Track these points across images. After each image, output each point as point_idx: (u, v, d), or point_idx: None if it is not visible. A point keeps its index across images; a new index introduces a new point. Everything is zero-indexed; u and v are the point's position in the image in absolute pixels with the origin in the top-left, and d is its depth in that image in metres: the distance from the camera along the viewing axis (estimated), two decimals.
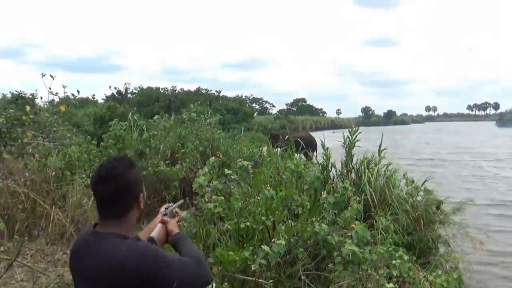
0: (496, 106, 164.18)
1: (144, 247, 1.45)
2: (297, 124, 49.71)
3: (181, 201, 2.19)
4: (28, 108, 5.62)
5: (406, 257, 2.82)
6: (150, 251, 1.45)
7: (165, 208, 1.94)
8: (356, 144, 5.28)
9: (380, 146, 5.24)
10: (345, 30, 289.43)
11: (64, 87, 5.46)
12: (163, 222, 1.78)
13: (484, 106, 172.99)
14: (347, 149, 5.10)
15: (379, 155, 5.06)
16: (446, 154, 24.02)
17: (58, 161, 6.06)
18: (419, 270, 3.80)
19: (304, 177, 4.34)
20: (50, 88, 5.45)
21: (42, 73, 5.18)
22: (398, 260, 2.78)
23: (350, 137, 5.02)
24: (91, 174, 6.17)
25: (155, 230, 1.74)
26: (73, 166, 6.10)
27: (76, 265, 1.53)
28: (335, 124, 68.41)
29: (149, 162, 6.82)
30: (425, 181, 4.92)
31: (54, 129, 5.76)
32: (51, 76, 5.11)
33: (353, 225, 2.82)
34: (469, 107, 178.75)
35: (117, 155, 6.80)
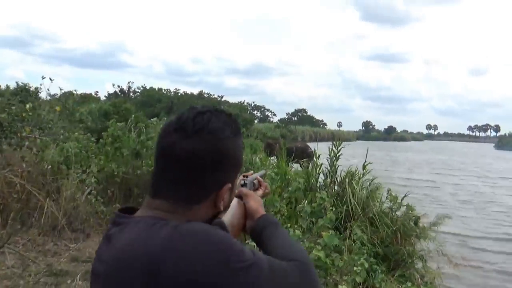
0: (496, 128, 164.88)
1: (202, 234, 0.82)
2: (297, 134, 49.91)
3: (264, 170, 1.62)
4: (27, 106, 5.91)
5: (366, 265, 2.99)
6: (213, 242, 0.81)
7: (244, 177, 1.23)
8: (351, 157, 5.53)
9: (365, 161, 5.44)
10: (352, 44, 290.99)
11: (61, 89, 5.91)
12: (240, 197, 1.11)
13: (484, 128, 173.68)
14: (331, 161, 5.30)
15: (363, 169, 5.26)
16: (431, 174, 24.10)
17: (56, 155, 6.27)
18: (391, 282, 3.98)
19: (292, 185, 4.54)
20: (48, 90, 5.80)
21: (43, 76, 5.52)
22: (359, 267, 2.96)
23: (335, 150, 5.23)
24: (87, 170, 6.40)
25: (228, 210, 1.05)
26: (70, 161, 6.29)
27: (95, 259, 0.92)
28: (334, 136, 68.62)
29: (143, 162, 7.00)
30: (405, 196, 5.11)
31: (50, 125, 6.06)
32: (50, 79, 5.41)
33: (323, 233, 3.01)
34: (469, 128, 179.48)
35: (114, 153, 7.01)
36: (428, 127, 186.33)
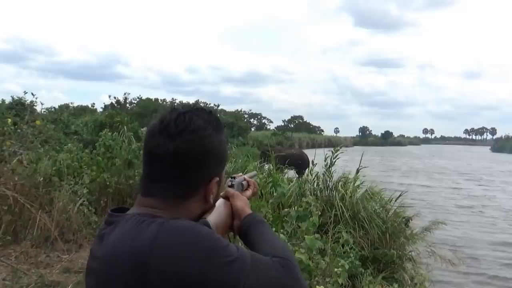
0: (493, 131, 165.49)
1: (187, 229, 0.87)
2: (294, 141, 49.99)
3: (254, 172, 1.61)
4: (9, 120, 6.05)
5: (346, 266, 3.04)
6: (198, 236, 0.86)
7: (231, 178, 1.24)
8: (350, 162, 5.61)
9: (359, 165, 5.51)
10: (346, 50, 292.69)
11: (42, 107, 5.87)
12: (227, 197, 1.13)
13: (481, 131, 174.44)
14: (327, 167, 5.38)
15: (356, 174, 5.32)
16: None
17: (49, 167, 6.32)
18: (380, 284, 4.02)
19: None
20: (42, 103, 5.89)
21: (32, 93, 5.60)
22: (339, 269, 3.01)
23: (331, 156, 5.31)
24: (80, 181, 6.43)
25: (213, 210, 1.07)
26: (62, 172, 6.33)
27: (89, 257, 0.98)
28: (332, 143, 68.66)
29: (136, 171, 7.04)
30: (399, 196, 5.17)
31: (30, 139, 6.17)
32: (33, 94, 5.48)
33: (306, 236, 3.05)
34: (466, 131, 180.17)
35: (106, 163, 7.05)
36: (425, 131, 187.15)
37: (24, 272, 4.62)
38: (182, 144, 0.92)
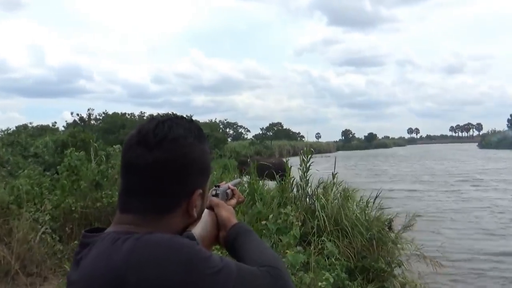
0: (479, 127, 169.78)
1: (165, 242, 0.85)
2: (274, 150, 50.19)
3: (238, 179, 1.61)
4: None
5: (331, 280, 3.07)
6: (177, 248, 0.84)
7: (215, 186, 1.25)
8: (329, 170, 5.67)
9: (334, 170, 5.58)
10: (321, 51, 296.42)
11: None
12: (211, 207, 1.14)
13: (467, 127, 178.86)
14: (302, 174, 5.42)
15: (333, 179, 5.39)
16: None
17: (6, 195, 6.15)
18: None
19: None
20: None
21: None
22: (324, 283, 3.03)
23: (305, 162, 5.35)
24: (41, 208, 6.29)
25: (198, 223, 1.06)
26: (21, 199, 6.17)
27: (66, 284, 0.95)
28: (313, 149, 69.22)
29: (104, 193, 6.93)
30: (376, 196, 5.25)
31: None
32: None
33: (287, 251, 3.07)
34: (452, 129, 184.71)
35: (71, 186, 6.91)
36: (410, 131, 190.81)
37: None
38: (162, 155, 0.91)
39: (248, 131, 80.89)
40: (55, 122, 43.27)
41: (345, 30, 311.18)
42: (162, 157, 0.90)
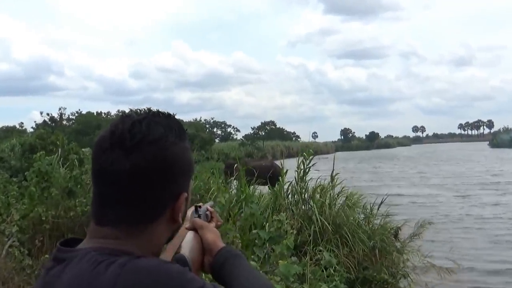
0: (490, 124, 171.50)
1: (154, 270, 0.83)
2: (266, 151, 50.25)
3: (211, 202, 1.61)
4: None
5: None
6: (167, 277, 0.83)
7: (196, 207, 1.23)
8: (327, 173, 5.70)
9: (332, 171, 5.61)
10: (318, 42, 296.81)
11: None
12: (195, 229, 1.13)
13: (477, 125, 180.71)
14: (299, 178, 5.44)
15: (332, 182, 5.42)
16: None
17: None
18: None
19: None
20: None
21: None
22: None
23: (304, 164, 5.38)
24: (7, 218, 6.24)
25: (184, 244, 1.08)
26: None
27: None
28: (310, 150, 69.43)
29: (77, 201, 6.91)
30: (381, 203, 5.29)
31: None
32: None
33: (280, 262, 3.09)
34: (460, 126, 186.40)
35: (40, 194, 6.87)
36: (415, 129, 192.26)
37: None
38: (141, 159, 0.87)
39: (238, 131, 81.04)
40: (23, 123, 43.08)
41: (344, 19, 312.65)
42: (141, 162, 0.87)
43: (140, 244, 0.89)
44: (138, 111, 0.97)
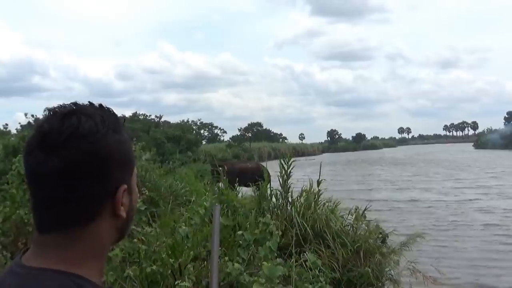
0: (474, 126, 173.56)
1: None
2: (253, 153, 50.29)
3: (218, 205, 1.59)
4: None
5: None
6: None
7: None
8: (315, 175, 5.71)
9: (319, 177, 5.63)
10: (305, 44, 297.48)
11: None
12: None
13: (461, 126, 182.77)
14: (283, 180, 5.45)
15: (318, 186, 5.43)
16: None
17: None
18: None
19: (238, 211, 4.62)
20: None
21: None
22: None
23: (285, 167, 5.38)
24: None
25: None
26: None
27: None
28: (297, 151, 69.71)
29: None
30: (365, 209, 5.32)
31: None
32: None
33: (264, 263, 3.08)
34: (445, 128, 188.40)
35: (22, 196, 6.78)
36: (401, 130, 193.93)
37: None
38: (71, 156, 0.84)
39: (225, 132, 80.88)
40: (7, 125, 42.37)
41: (330, 20, 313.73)
42: (72, 159, 0.84)
43: (84, 246, 0.87)
44: (66, 105, 0.91)
